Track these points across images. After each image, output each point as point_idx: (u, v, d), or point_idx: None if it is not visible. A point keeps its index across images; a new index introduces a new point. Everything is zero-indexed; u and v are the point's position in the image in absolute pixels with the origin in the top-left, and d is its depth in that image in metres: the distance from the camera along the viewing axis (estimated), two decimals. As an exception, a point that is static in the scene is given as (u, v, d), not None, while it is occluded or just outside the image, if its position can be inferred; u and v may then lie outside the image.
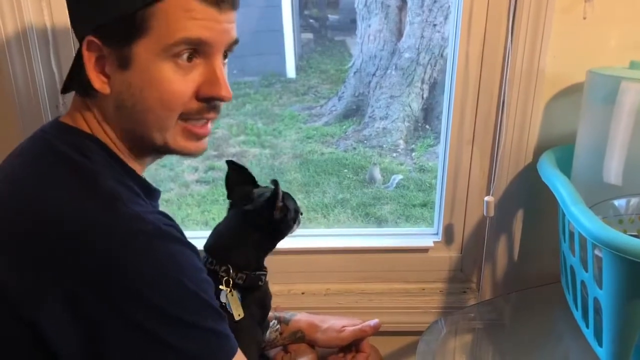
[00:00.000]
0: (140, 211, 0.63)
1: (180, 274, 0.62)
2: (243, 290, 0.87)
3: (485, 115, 1.12)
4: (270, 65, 4.34)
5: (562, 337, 1.09)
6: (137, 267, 0.59)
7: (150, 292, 0.59)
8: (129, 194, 0.66)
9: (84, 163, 0.66)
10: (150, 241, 0.61)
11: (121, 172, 0.70)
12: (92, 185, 0.64)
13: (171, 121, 0.69)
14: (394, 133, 3.70)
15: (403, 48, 3.80)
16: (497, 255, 1.21)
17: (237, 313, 0.84)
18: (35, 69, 1.04)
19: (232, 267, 0.86)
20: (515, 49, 1.05)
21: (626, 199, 0.95)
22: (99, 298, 0.58)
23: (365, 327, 1.01)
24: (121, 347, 0.60)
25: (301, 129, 3.85)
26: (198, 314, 0.63)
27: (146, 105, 0.67)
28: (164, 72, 0.66)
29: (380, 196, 3.19)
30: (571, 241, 0.96)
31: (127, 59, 0.65)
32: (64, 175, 0.65)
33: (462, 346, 1.11)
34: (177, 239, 0.64)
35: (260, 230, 0.89)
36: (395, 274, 1.26)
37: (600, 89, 0.96)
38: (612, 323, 0.84)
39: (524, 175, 1.13)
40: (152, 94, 0.66)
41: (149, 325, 0.60)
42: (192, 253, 0.66)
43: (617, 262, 0.79)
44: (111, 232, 0.60)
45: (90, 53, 0.66)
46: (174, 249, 0.63)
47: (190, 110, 0.69)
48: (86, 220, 0.60)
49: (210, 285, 0.67)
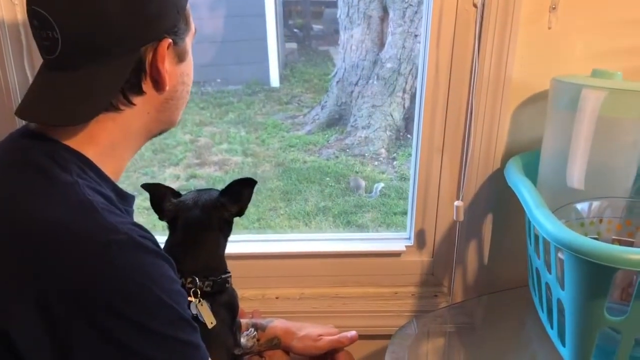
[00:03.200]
0: (116, 221, 0.63)
1: (152, 285, 0.62)
2: (210, 297, 0.87)
3: (455, 123, 1.15)
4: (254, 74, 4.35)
5: (531, 339, 1.11)
6: (110, 278, 0.59)
7: (122, 303, 0.59)
8: (104, 203, 0.65)
9: (59, 173, 0.65)
10: (123, 252, 0.61)
11: (96, 180, 0.69)
12: (68, 195, 0.63)
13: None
14: (376, 142, 3.73)
15: (385, 58, 3.83)
16: (467, 259, 1.23)
17: (209, 321, 0.84)
18: (8, 72, 1.03)
19: (198, 277, 0.86)
20: (483, 58, 1.08)
21: (588, 202, 0.97)
22: (70, 308, 0.58)
23: (343, 338, 1.02)
24: (90, 355, 0.60)
25: (284, 137, 3.86)
26: (171, 325, 0.63)
27: (189, 89, 0.77)
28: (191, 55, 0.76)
29: (362, 204, 3.21)
30: (536, 244, 0.98)
31: (185, 52, 0.73)
32: (39, 185, 0.64)
33: (434, 349, 1.12)
34: (152, 251, 0.64)
35: (221, 228, 0.91)
36: (368, 278, 1.28)
37: (564, 97, 0.99)
38: (574, 323, 0.86)
39: (492, 180, 1.16)
40: (191, 77, 0.77)
41: (120, 336, 0.60)
42: (166, 265, 0.65)
43: (578, 263, 0.81)
44: (85, 242, 0.60)
45: (166, 55, 0.70)
46: (147, 260, 0.63)
47: None
48: (60, 229, 0.60)
49: (184, 297, 0.67)
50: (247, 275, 1.20)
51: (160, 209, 0.91)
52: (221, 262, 0.92)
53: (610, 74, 0.96)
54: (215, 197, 0.92)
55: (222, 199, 0.92)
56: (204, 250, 0.89)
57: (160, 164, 3.35)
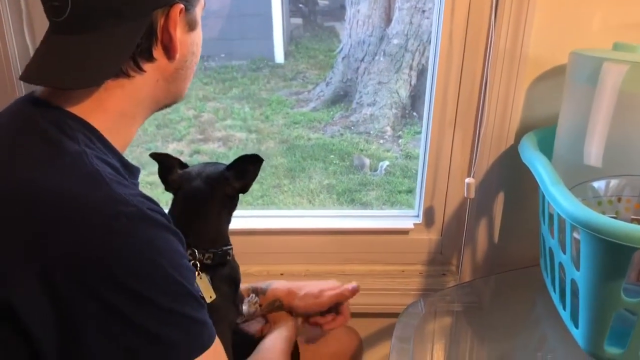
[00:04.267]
0: (125, 193, 0.61)
1: (160, 259, 0.60)
2: (211, 270, 0.85)
3: (468, 97, 1.12)
4: (259, 49, 4.30)
5: (540, 320, 1.09)
6: (116, 250, 0.57)
7: (128, 276, 0.58)
8: (113, 174, 0.63)
9: (67, 142, 0.63)
10: (131, 224, 0.59)
11: (103, 150, 0.67)
12: (76, 165, 0.61)
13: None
14: (382, 119, 3.69)
15: (392, 34, 3.77)
16: (477, 238, 1.20)
17: (208, 295, 0.82)
18: (8, 41, 1.01)
19: (197, 248, 0.83)
20: (499, 31, 1.04)
21: (605, 180, 0.95)
22: (75, 280, 0.56)
23: (344, 290, 1.00)
24: (95, 329, 0.58)
25: (288, 114, 3.83)
26: (177, 300, 0.61)
27: (197, 59, 0.75)
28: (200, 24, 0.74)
29: (366, 182, 3.18)
30: (550, 223, 0.96)
31: (195, 21, 0.72)
32: (46, 153, 0.62)
33: (441, 328, 1.10)
34: (161, 224, 0.62)
35: (224, 202, 0.89)
36: (375, 256, 1.26)
37: (583, 71, 0.96)
38: (589, 305, 0.84)
39: (505, 157, 1.13)
40: (200, 47, 0.75)
41: (125, 309, 0.58)
42: (175, 239, 0.64)
43: (595, 243, 0.79)
44: (93, 213, 0.58)
45: (178, 21, 0.68)
46: (155, 234, 0.61)
47: None
48: (67, 199, 0.58)
49: (191, 272, 0.65)
50: (253, 251, 1.18)
51: (166, 180, 0.90)
52: (222, 235, 0.89)
53: (632, 47, 0.93)
54: (220, 170, 0.90)
55: (226, 173, 0.89)
56: (204, 223, 0.87)
57: (164, 139, 3.33)
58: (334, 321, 1.00)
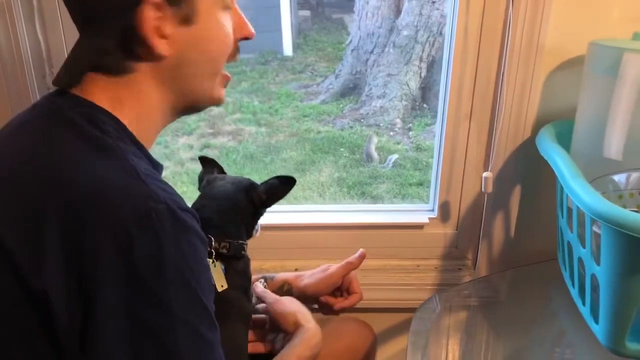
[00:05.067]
0: (157, 189, 0.59)
1: (183, 264, 0.58)
2: (226, 260, 0.85)
3: (484, 89, 1.10)
4: (267, 42, 4.30)
5: (557, 315, 1.08)
6: (142, 247, 0.56)
7: (148, 274, 0.56)
8: (147, 169, 0.63)
9: (100, 135, 0.63)
10: (161, 222, 0.57)
11: (133, 146, 0.67)
12: (112, 159, 0.61)
13: (221, 68, 0.72)
14: (391, 112, 3.67)
15: (401, 25, 3.75)
16: (493, 232, 1.19)
17: (219, 284, 0.82)
18: (20, 36, 1.00)
19: (215, 236, 0.83)
20: (516, 21, 1.02)
21: (626, 174, 0.93)
22: (96, 270, 0.55)
23: (351, 259, 1.00)
24: (108, 326, 0.56)
25: (298, 107, 3.82)
26: (193, 314, 0.60)
27: (209, 57, 0.69)
28: (224, 21, 0.69)
29: (377, 175, 3.18)
30: (569, 217, 0.94)
31: (192, 14, 0.66)
32: (79, 145, 0.62)
33: (457, 323, 1.10)
34: (190, 228, 0.60)
35: (247, 208, 0.90)
36: (390, 250, 1.25)
37: (603, 61, 0.94)
38: (610, 300, 0.83)
39: (522, 150, 1.11)
40: (216, 44, 0.69)
41: (138, 305, 0.57)
42: (202, 247, 0.62)
43: (617, 237, 0.77)
44: (123, 206, 0.57)
45: (154, 15, 0.63)
46: (184, 237, 0.59)
47: (229, 56, 0.72)
48: (99, 191, 0.58)
49: (211, 287, 0.64)
50: (266, 246, 1.17)
51: (202, 179, 0.95)
52: (240, 234, 0.89)
53: (654, 38, 0.91)
54: (251, 181, 0.93)
55: (256, 184, 0.93)
56: (224, 215, 0.87)
57: (174, 133, 3.33)
58: (346, 300, 0.98)
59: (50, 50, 1.03)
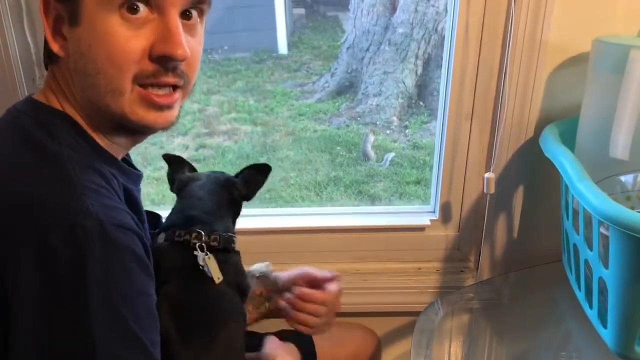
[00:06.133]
0: (95, 204, 0.56)
1: (111, 283, 0.55)
2: (219, 254, 0.82)
3: (485, 88, 1.08)
4: (262, 41, 4.27)
5: (563, 318, 1.06)
6: (64, 266, 0.53)
7: (70, 300, 0.54)
8: (92, 182, 0.60)
9: (45, 142, 0.61)
10: (87, 238, 0.54)
11: (92, 154, 0.64)
12: (48, 165, 0.59)
13: (123, 83, 0.62)
14: (388, 110, 3.66)
15: (397, 23, 3.73)
16: (495, 233, 1.17)
17: (216, 276, 0.79)
18: (8, 39, 0.98)
19: (203, 230, 0.81)
20: (518, 17, 1.00)
21: (633, 174, 0.91)
22: (17, 279, 0.54)
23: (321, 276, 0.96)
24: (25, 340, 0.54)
25: (293, 105, 3.80)
26: (119, 345, 0.56)
27: (97, 65, 0.61)
28: (110, 26, 0.60)
29: (374, 174, 3.16)
30: (575, 219, 0.92)
31: (76, 14, 0.60)
32: (23, 153, 0.60)
33: (460, 327, 1.08)
34: (125, 250, 0.57)
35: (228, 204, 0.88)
36: (390, 253, 1.23)
37: (608, 59, 0.92)
38: (618, 304, 0.81)
39: (524, 150, 1.09)
40: (99, 50, 0.60)
41: (58, 335, 0.54)
42: (139, 270, 0.58)
43: (625, 240, 0.75)
44: (50, 219, 0.55)
45: (46, 14, 0.62)
46: (117, 261, 0.56)
47: (145, 72, 0.62)
48: (31, 202, 0.56)
49: (153, 317, 0.60)
50: (264, 251, 1.15)
51: (173, 180, 0.91)
52: (227, 225, 0.87)
53: (660, 34, 0.89)
54: (227, 175, 0.91)
55: (233, 178, 0.91)
56: (209, 212, 0.85)
57: (169, 133, 3.29)
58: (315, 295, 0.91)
59: (40, 53, 1.00)
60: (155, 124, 0.65)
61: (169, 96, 0.65)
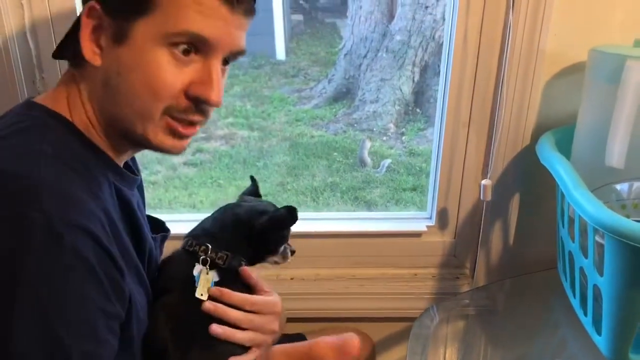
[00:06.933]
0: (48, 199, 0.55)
1: (44, 297, 0.53)
2: (224, 274, 0.81)
3: (483, 96, 1.08)
4: (260, 46, 4.28)
5: (558, 325, 1.06)
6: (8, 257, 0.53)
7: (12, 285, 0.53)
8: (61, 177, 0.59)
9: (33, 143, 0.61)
10: (30, 235, 0.53)
11: (83, 156, 0.65)
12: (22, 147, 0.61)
13: (156, 112, 0.65)
14: (384, 116, 3.67)
15: (394, 30, 3.75)
16: (492, 240, 1.17)
17: (200, 292, 0.78)
18: (9, 41, 0.97)
19: (212, 246, 0.81)
20: (515, 27, 1.01)
21: (629, 183, 0.92)
22: None
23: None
24: None
25: (290, 111, 3.81)
26: (41, 355, 0.54)
27: (133, 89, 0.63)
28: (157, 58, 0.62)
29: (370, 180, 3.16)
30: (570, 226, 0.93)
31: (124, 34, 0.62)
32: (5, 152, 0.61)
33: (455, 333, 1.08)
34: (71, 250, 0.55)
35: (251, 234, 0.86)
36: (387, 259, 1.23)
37: (604, 68, 0.93)
38: (613, 311, 0.82)
39: (521, 157, 1.10)
40: (140, 76, 0.63)
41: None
42: (85, 274, 0.56)
43: (620, 248, 0.76)
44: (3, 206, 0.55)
45: (88, 20, 0.63)
46: (59, 261, 0.54)
47: (177, 107, 0.65)
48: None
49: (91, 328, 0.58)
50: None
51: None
52: (241, 248, 0.85)
53: (656, 44, 0.90)
54: (265, 207, 0.89)
55: (267, 210, 0.88)
56: (225, 229, 0.85)
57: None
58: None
59: (41, 55, 1.00)
60: (172, 149, 0.69)
61: (192, 128, 0.69)
